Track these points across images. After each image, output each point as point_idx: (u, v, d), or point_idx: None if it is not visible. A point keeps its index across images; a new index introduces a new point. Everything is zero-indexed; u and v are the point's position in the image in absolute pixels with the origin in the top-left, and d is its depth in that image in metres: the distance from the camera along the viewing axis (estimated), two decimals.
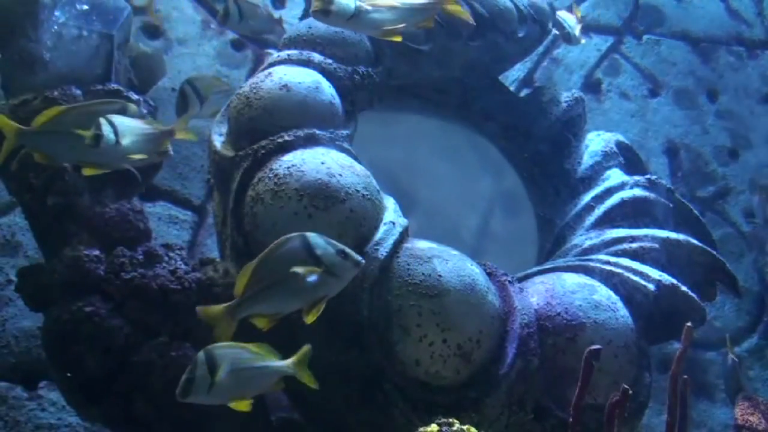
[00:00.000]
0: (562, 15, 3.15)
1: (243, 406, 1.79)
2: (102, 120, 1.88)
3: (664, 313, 2.28)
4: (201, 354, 1.74)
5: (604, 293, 2.21)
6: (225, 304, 1.73)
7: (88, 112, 1.92)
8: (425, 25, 2.33)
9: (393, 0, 2.22)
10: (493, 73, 3.14)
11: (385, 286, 2.01)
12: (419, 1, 2.27)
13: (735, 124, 4.14)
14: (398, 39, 2.26)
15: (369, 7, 2.17)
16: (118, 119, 1.93)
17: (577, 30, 3.00)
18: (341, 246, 1.75)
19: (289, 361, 1.81)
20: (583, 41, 3.28)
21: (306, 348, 1.81)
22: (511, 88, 3.48)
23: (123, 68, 2.56)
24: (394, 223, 2.11)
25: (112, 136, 1.88)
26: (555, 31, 3.22)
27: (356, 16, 2.15)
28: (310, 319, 1.74)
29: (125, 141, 1.90)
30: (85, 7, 2.43)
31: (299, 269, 1.68)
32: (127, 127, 1.93)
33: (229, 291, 2.11)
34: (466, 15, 2.36)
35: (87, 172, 1.95)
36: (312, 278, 1.69)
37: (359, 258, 1.77)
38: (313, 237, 1.74)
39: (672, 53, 4.18)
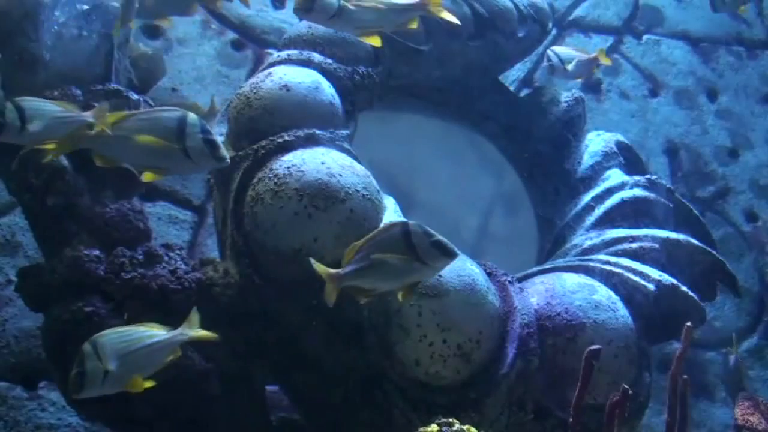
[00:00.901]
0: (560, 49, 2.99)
1: (140, 386, 1.81)
2: (8, 104, 1.86)
3: (664, 313, 2.28)
4: (87, 345, 1.77)
5: (604, 293, 2.21)
6: (334, 270, 1.82)
7: (150, 117, 1.89)
8: (408, 26, 2.32)
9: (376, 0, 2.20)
10: (493, 73, 3.13)
11: None
12: (403, 2, 2.26)
13: (735, 124, 4.14)
14: (377, 42, 2.26)
15: (353, 7, 2.16)
16: (28, 102, 1.90)
17: (570, 65, 2.87)
18: (439, 238, 1.82)
19: (180, 329, 1.89)
20: (578, 79, 3.07)
21: (195, 314, 1.92)
22: (511, 88, 3.47)
23: (123, 68, 2.56)
24: None
25: (17, 122, 1.86)
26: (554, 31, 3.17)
27: (338, 15, 2.15)
28: (402, 298, 1.90)
29: (34, 126, 1.87)
30: (85, 7, 2.43)
31: (391, 257, 1.81)
32: (36, 111, 1.89)
33: (229, 291, 2.13)
34: (450, 16, 2.35)
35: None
36: (403, 265, 1.83)
37: (453, 250, 1.85)
38: (413, 226, 1.85)
39: (672, 53, 4.18)
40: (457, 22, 2.41)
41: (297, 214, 2.02)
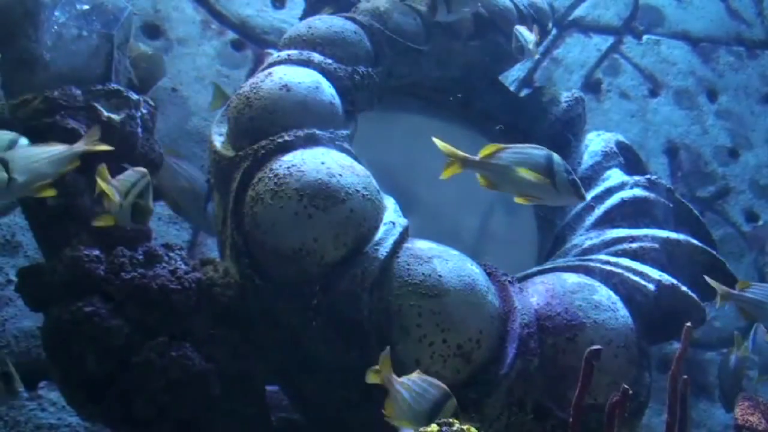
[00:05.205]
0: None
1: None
2: None
3: (664, 313, 2.28)
4: None
5: (604, 293, 2.21)
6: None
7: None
8: None
9: None
10: (493, 73, 3.14)
11: (386, 287, 2.01)
12: None
13: (735, 124, 4.14)
14: None
15: None
16: (9, 154, 1.89)
17: (531, 44, 2.91)
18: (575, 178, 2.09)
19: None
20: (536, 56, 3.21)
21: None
22: (511, 88, 3.47)
23: (123, 68, 2.56)
24: (394, 223, 2.11)
25: (3, 174, 1.84)
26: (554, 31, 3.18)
27: None
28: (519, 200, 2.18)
29: (22, 177, 1.88)
30: (85, 7, 2.43)
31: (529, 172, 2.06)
32: (23, 160, 1.90)
33: (230, 291, 2.13)
34: None
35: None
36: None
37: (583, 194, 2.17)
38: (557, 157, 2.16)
39: (672, 53, 4.18)
40: None
41: (297, 214, 2.02)
